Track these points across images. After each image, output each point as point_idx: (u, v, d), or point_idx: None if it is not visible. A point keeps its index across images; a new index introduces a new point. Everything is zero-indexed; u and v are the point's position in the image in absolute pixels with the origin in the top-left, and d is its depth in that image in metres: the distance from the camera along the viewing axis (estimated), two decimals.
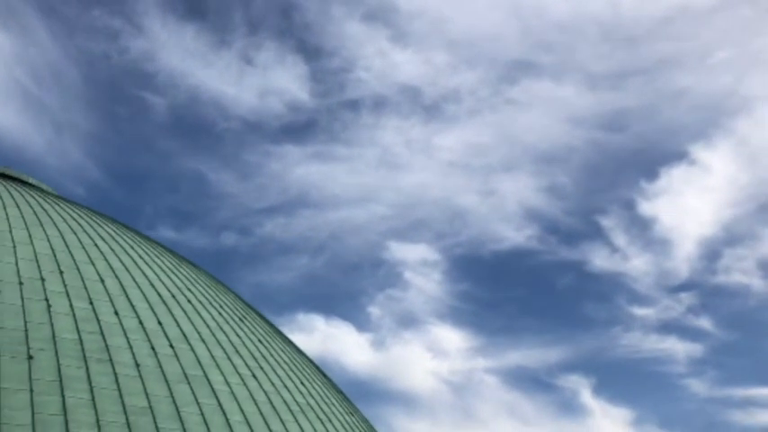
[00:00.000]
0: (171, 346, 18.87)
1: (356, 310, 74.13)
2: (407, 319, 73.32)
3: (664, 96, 68.30)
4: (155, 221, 68.07)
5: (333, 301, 75.00)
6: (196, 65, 68.94)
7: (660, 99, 68.39)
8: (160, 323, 19.48)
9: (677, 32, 66.97)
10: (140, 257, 22.46)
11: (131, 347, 18.11)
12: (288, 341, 25.26)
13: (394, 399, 68.83)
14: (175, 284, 21.99)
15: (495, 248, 71.44)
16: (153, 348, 18.42)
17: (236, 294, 25.76)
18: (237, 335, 21.44)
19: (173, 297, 21.07)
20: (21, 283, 18.75)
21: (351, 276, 74.49)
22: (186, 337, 19.50)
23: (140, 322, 19.11)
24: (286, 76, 69.61)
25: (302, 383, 21.55)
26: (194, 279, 23.69)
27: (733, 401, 72.01)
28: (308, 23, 68.67)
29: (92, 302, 18.98)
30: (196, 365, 18.67)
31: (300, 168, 70.19)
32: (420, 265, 70.94)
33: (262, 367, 20.50)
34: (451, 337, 71.54)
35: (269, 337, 23.43)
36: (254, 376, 19.77)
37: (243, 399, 18.57)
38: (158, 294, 20.75)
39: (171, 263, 23.81)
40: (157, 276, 21.79)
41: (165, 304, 20.44)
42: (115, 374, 17.11)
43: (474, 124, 70.67)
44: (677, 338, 71.06)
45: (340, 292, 75.21)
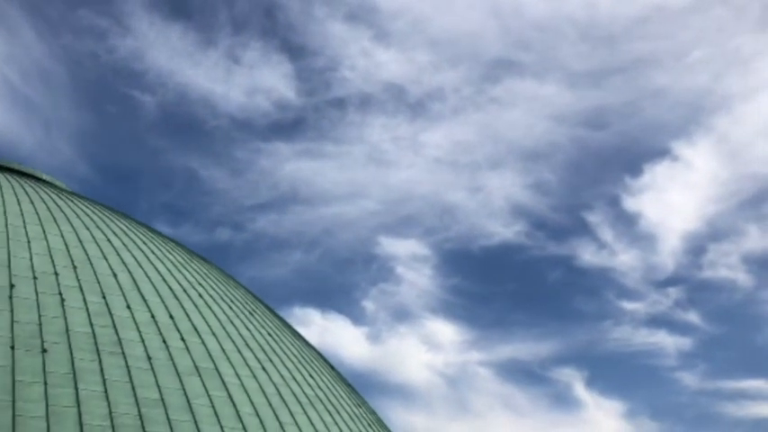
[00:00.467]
0: (182, 339, 19.14)
1: (351, 304, 74.44)
2: (401, 313, 73.67)
3: (644, 94, 68.36)
4: (149, 218, 68.17)
5: (328, 295, 75.22)
6: (184, 64, 69.18)
7: (640, 97, 68.40)
8: (172, 317, 19.77)
9: (654, 32, 66.90)
10: (152, 252, 22.75)
11: (143, 341, 18.38)
12: (297, 335, 25.52)
13: (390, 391, 69.04)
14: (187, 279, 22.28)
15: (485, 244, 71.74)
16: (164, 342, 18.69)
17: (246, 289, 26.01)
18: (247, 328, 21.72)
19: (184, 291, 21.35)
20: (35, 278, 19.04)
21: (344, 271, 74.77)
22: (197, 331, 19.78)
23: (152, 316, 19.39)
24: (272, 74, 69.91)
25: (311, 376, 21.82)
26: (205, 274, 23.98)
27: (723, 393, 72.04)
28: (291, 23, 69.08)
29: (104, 297, 19.27)
30: (207, 358, 18.95)
31: (290, 165, 70.40)
32: (411, 260, 71.18)
33: (271, 360, 20.77)
34: (445, 331, 71.89)
35: (278, 330, 23.71)
36: (264, 369, 20.03)
37: (253, 391, 18.84)
38: (170, 289, 21.04)
39: (182, 258, 24.11)
40: (169, 271, 22.08)
41: (176, 298, 20.73)
42: (127, 367, 17.37)
43: (459, 122, 70.82)
44: (666, 332, 71.23)
45: (334, 286, 75.49)
